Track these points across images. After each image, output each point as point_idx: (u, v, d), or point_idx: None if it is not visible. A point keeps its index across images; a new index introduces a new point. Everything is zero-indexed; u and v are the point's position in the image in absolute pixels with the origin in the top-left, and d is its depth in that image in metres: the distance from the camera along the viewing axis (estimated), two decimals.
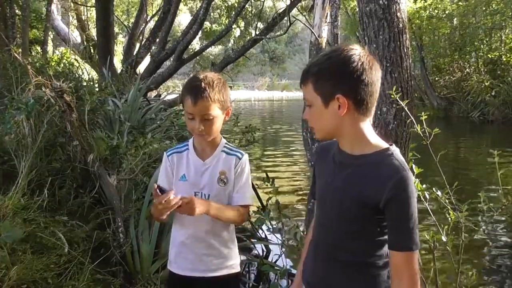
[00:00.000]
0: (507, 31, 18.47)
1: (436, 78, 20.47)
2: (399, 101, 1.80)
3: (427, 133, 1.73)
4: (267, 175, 3.00)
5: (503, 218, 5.05)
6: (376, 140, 1.25)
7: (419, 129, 1.72)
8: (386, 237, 1.23)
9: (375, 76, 1.22)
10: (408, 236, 1.17)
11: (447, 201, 1.79)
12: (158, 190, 1.60)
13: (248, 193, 1.79)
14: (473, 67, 19.05)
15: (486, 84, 16.68)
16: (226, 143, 1.80)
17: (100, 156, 3.55)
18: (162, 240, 3.12)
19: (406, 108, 1.86)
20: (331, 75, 1.21)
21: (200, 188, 1.74)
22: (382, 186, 1.16)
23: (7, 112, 3.08)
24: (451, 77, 19.72)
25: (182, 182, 1.77)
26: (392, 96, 1.87)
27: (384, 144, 1.24)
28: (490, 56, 17.95)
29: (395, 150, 1.24)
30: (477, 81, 17.28)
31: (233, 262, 1.82)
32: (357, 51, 1.22)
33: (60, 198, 3.34)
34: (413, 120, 1.78)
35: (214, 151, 1.77)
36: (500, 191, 1.64)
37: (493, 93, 16.32)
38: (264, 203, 3.56)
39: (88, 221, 3.30)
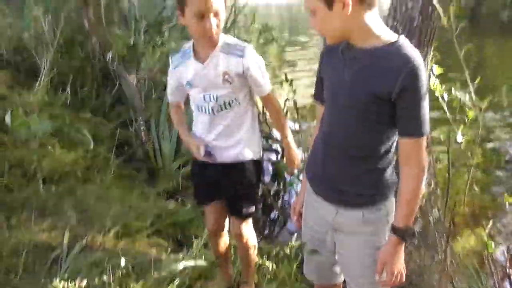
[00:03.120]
0: None
1: None
2: None
3: (453, 26, 1.62)
4: (286, 75, 2.97)
5: None
6: (385, 32, 1.24)
7: (445, 22, 1.62)
8: (393, 130, 1.28)
9: None
10: (420, 122, 1.22)
11: (466, 98, 1.76)
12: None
13: (266, 84, 1.77)
14: None
15: None
16: (225, 41, 1.73)
17: (118, 55, 3.53)
18: None
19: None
20: None
21: (206, 90, 1.73)
22: (395, 76, 1.18)
23: (25, 7, 3.02)
24: None
25: (188, 88, 1.77)
26: None
27: (393, 35, 1.24)
28: None
29: (405, 40, 1.23)
30: None
31: (253, 150, 1.87)
32: None
33: (83, 96, 3.40)
34: (440, 11, 1.67)
35: (213, 51, 1.72)
36: None
37: None
38: (282, 105, 3.58)
39: (110, 120, 3.40)
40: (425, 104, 1.21)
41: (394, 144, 1.33)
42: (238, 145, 1.83)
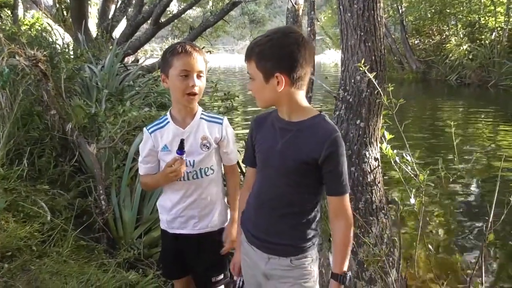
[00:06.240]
0: None
1: (416, 41, 20.52)
2: (367, 73, 1.87)
3: (393, 104, 1.81)
4: (245, 142, 3.05)
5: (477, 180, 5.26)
6: (310, 108, 1.48)
7: (385, 100, 1.80)
8: (318, 189, 1.48)
9: (309, 56, 1.42)
10: (343, 183, 1.44)
11: (409, 168, 1.90)
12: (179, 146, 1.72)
13: (235, 154, 1.93)
14: (452, 30, 19.12)
15: (464, 47, 16.83)
16: (202, 111, 1.86)
17: (78, 125, 3.54)
18: (144, 206, 3.19)
19: (375, 81, 1.93)
20: (271, 56, 1.40)
21: (184, 156, 1.79)
22: (320, 145, 1.39)
23: None
24: (431, 40, 19.80)
25: (165, 152, 1.81)
26: (361, 68, 1.93)
27: (316, 111, 1.47)
28: (469, 19, 18.00)
29: (325, 115, 1.47)
30: (456, 44, 17.40)
31: (223, 219, 1.91)
32: (294, 35, 1.41)
33: (40, 167, 3.35)
34: (381, 92, 1.86)
35: (192, 119, 1.82)
36: (455, 159, 1.77)
37: (470, 56, 16.51)
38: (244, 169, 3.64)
39: (69, 189, 3.33)
40: (345, 167, 1.43)
41: (319, 201, 1.53)
42: (210, 214, 1.86)
